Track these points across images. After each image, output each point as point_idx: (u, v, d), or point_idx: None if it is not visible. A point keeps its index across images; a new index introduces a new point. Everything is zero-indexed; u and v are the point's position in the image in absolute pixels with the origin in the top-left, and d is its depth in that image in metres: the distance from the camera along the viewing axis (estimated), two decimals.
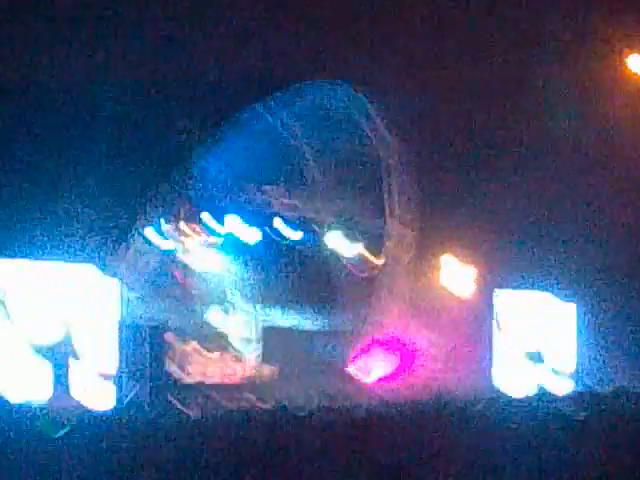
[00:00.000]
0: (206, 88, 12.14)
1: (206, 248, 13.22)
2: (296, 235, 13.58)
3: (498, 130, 13.57)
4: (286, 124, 13.02)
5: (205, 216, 12.93)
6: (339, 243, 13.74)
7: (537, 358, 14.38)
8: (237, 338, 14.18)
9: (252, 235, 13.28)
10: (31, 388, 10.20)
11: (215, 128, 12.54)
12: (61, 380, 10.68)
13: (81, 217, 11.31)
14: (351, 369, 13.59)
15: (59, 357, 10.68)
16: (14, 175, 10.97)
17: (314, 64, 12.67)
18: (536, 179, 13.30)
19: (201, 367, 13.32)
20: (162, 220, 12.44)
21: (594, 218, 13.65)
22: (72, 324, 10.73)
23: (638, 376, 12.93)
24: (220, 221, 13.08)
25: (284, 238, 13.53)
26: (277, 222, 13.33)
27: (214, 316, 13.76)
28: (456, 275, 14.26)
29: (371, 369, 13.89)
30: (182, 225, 12.76)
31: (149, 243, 12.36)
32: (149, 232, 12.28)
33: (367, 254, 13.84)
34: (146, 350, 11.96)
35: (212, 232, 13.10)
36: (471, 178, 13.57)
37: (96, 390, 10.77)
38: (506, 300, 14.31)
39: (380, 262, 13.96)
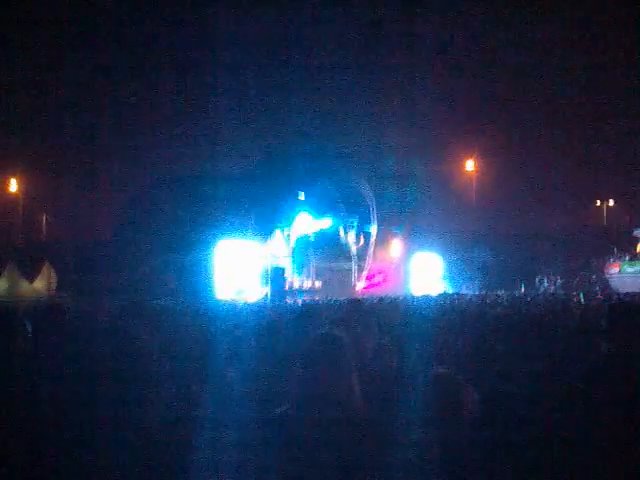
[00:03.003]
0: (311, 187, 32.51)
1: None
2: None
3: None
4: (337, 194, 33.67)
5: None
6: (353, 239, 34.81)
7: (427, 279, 35.30)
8: (310, 271, 35.58)
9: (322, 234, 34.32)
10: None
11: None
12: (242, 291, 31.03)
13: (261, 229, 31.67)
14: (357, 285, 34.77)
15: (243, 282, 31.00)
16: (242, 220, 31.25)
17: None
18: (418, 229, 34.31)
19: (299, 283, 34.29)
20: (287, 227, 33.05)
21: (446, 232, 34.55)
22: (251, 267, 30.86)
23: (462, 285, 33.81)
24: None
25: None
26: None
27: (303, 264, 34.94)
28: (398, 248, 35.49)
29: (365, 284, 35.00)
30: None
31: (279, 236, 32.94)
32: (280, 233, 32.84)
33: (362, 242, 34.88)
34: (279, 276, 32.57)
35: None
36: (406, 214, 34.72)
37: (257, 293, 30.67)
38: (417, 257, 35.32)
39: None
